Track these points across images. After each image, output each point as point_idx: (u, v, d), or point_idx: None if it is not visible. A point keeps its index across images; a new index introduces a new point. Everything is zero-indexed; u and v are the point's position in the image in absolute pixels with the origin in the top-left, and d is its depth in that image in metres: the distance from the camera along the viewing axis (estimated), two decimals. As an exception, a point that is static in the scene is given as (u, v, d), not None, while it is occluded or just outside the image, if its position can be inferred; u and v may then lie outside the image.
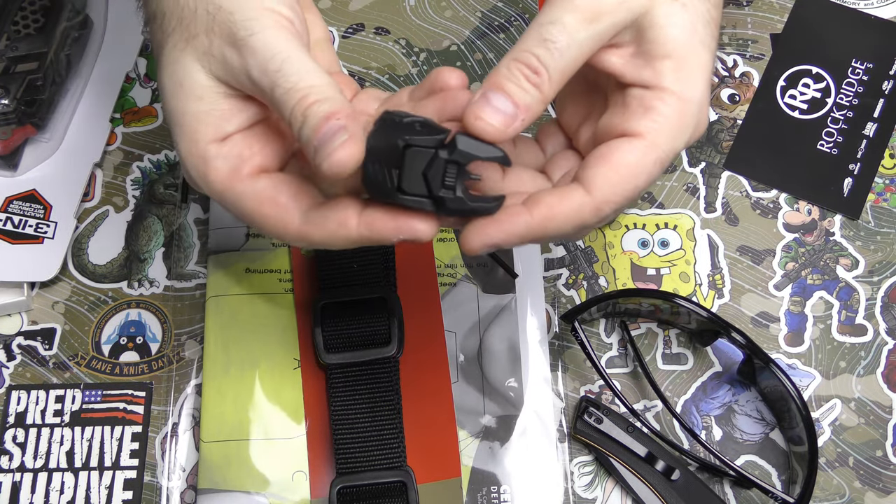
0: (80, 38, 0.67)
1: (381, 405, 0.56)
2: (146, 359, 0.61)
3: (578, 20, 0.41)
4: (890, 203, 0.65)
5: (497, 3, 0.71)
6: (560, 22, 0.41)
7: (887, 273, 0.63)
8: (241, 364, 0.59)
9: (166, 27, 0.44)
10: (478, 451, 0.58)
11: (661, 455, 0.57)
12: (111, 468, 0.59)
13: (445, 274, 0.62)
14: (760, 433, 0.59)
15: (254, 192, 0.42)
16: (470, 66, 0.69)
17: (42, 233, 0.63)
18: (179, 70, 0.43)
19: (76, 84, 0.67)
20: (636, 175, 0.41)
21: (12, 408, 0.60)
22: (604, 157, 0.41)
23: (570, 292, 0.63)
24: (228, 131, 0.43)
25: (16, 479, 0.58)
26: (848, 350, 0.61)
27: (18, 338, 0.62)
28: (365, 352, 0.57)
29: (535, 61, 0.41)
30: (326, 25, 0.49)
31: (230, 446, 0.57)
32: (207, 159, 0.43)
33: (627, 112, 0.42)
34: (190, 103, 0.43)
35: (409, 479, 0.55)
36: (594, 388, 0.60)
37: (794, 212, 0.65)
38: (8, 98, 0.61)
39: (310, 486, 0.57)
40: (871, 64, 0.68)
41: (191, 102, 0.43)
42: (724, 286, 0.63)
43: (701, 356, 0.61)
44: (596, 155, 0.42)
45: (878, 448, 0.59)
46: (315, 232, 0.42)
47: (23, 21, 0.64)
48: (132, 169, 0.66)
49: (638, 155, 0.41)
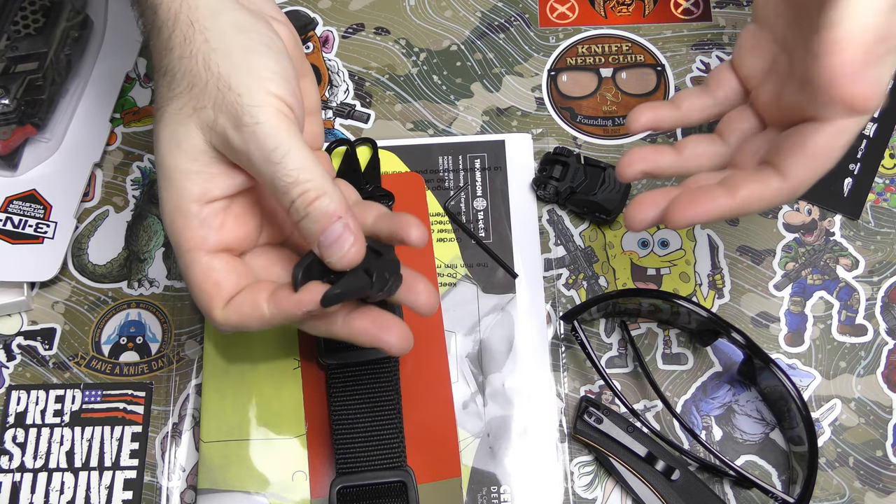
0: (80, 38, 0.67)
1: (381, 405, 0.56)
2: (146, 359, 0.61)
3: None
4: (890, 203, 0.65)
5: (497, 3, 0.71)
6: None
7: (887, 273, 0.63)
8: (241, 364, 0.59)
9: (174, 88, 0.46)
10: (478, 451, 0.58)
11: (661, 455, 0.57)
12: (111, 468, 0.59)
13: (445, 274, 0.62)
14: (760, 433, 0.59)
15: (205, 267, 0.46)
16: (470, 66, 0.69)
17: (42, 233, 0.63)
18: (181, 132, 0.46)
19: (76, 84, 0.67)
20: (829, 159, 0.45)
21: (12, 408, 0.60)
22: (798, 145, 0.45)
23: (570, 292, 0.63)
24: (214, 195, 0.46)
25: (16, 479, 0.58)
26: (848, 350, 0.61)
27: (18, 338, 0.62)
28: (365, 352, 0.57)
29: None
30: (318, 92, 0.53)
31: (230, 446, 0.57)
32: (188, 216, 0.46)
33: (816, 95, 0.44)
34: (183, 162, 0.46)
35: (409, 479, 0.55)
36: (594, 388, 0.60)
37: (794, 212, 0.65)
38: (8, 98, 0.61)
39: (310, 486, 0.57)
40: (871, 64, 0.68)
41: (184, 161, 0.46)
42: (724, 286, 0.63)
43: (701, 356, 0.61)
44: (790, 143, 0.45)
45: (878, 448, 0.59)
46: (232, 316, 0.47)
47: (23, 21, 0.64)
48: (132, 169, 0.66)
49: (829, 140, 0.44)
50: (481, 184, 0.65)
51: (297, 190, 0.44)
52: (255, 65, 0.46)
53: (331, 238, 0.45)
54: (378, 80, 0.69)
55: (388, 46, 0.70)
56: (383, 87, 0.69)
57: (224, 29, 0.46)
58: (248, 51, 0.46)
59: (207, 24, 0.46)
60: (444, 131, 0.67)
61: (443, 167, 0.65)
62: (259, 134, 0.44)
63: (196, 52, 0.46)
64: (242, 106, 0.44)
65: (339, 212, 0.45)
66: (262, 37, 0.47)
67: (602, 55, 0.69)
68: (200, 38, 0.46)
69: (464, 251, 0.63)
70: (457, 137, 0.66)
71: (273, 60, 0.46)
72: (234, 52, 0.46)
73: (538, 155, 0.66)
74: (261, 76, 0.45)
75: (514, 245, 0.63)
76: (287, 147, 0.44)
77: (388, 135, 0.67)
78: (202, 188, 0.46)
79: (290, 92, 0.46)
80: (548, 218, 0.64)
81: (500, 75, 0.69)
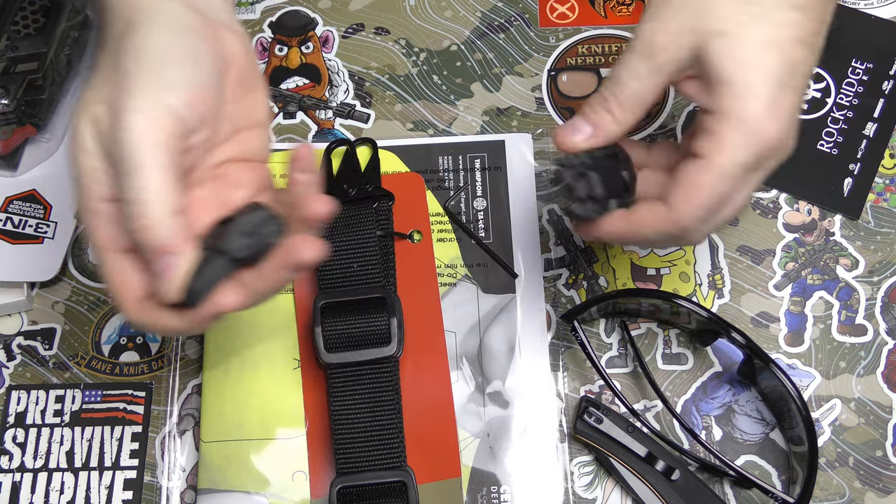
0: (80, 38, 0.67)
1: (381, 405, 0.56)
2: (146, 359, 0.61)
3: (637, 58, 0.49)
4: (890, 203, 0.65)
5: (497, 3, 0.71)
6: (623, 62, 0.49)
7: (887, 273, 0.63)
8: (241, 364, 0.59)
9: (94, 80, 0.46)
10: (478, 451, 0.58)
11: (661, 455, 0.57)
12: (111, 468, 0.59)
13: (445, 274, 0.62)
14: (760, 433, 0.59)
15: (114, 267, 0.46)
16: (470, 66, 0.69)
17: (42, 233, 0.63)
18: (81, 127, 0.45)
19: (76, 84, 0.67)
20: (703, 190, 0.48)
21: (12, 408, 0.60)
22: (677, 178, 0.48)
23: (570, 292, 0.63)
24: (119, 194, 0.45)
25: (16, 479, 0.58)
26: (848, 350, 0.61)
27: (18, 338, 0.62)
28: (365, 351, 0.57)
29: (605, 92, 0.50)
30: (268, 106, 0.52)
31: (230, 446, 0.57)
32: (95, 214, 0.45)
33: (695, 134, 0.49)
34: (87, 160, 0.45)
35: (409, 479, 0.54)
36: (594, 388, 0.60)
37: (794, 212, 0.65)
38: (8, 98, 0.61)
39: (310, 486, 0.56)
40: (871, 64, 0.68)
41: (88, 159, 0.45)
42: (724, 286, 0.63)
43: (701, 356, 0.61)
44: (674, 176, 0.49)
45: (878, 448, 0.59)
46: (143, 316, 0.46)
47: (23, 21, 0.64)
48: (132, 169, 0.66)
49: (701, 173, 0.48)
50: (481, 184, 0.65)
51: (134, 210, 0.43)
52: (161, 72, 0.45)
53: (158, 269, 0.44)
54: (378, 80, 0.69)
55: (388, 46, 0.70)
56: (383, 87, 0.69)
57: (154, 30, 0.46)
58: (162, 56, 0.45)
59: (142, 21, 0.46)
60: (444, 131, 0.67)
61: (443, 167, 0.65)
62: (123, 140, 0.43)
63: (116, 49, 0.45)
64: (125, 108, 0.44)
65: (168, 246, 0.44)
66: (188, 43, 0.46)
67: (602, 55, 0.69)
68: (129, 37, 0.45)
69: (464, 251, 0.63)
70: (457, 137, 0.66)
71: (187, 69, 0.45)
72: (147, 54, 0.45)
73: (538, 155, 0.65)
74: (160, 83, 0.44)
75: (514, 245, 0.63)
76: (140, 162, 0.43)
77: (388, 135, 0.67)
78: (106, 188, 0.45)
79: (190, 104, 0.45)
80: (548, 218, 0.64)
81: (500, 75, 0.69)
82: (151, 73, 0.44)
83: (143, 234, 0.44)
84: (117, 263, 0.46)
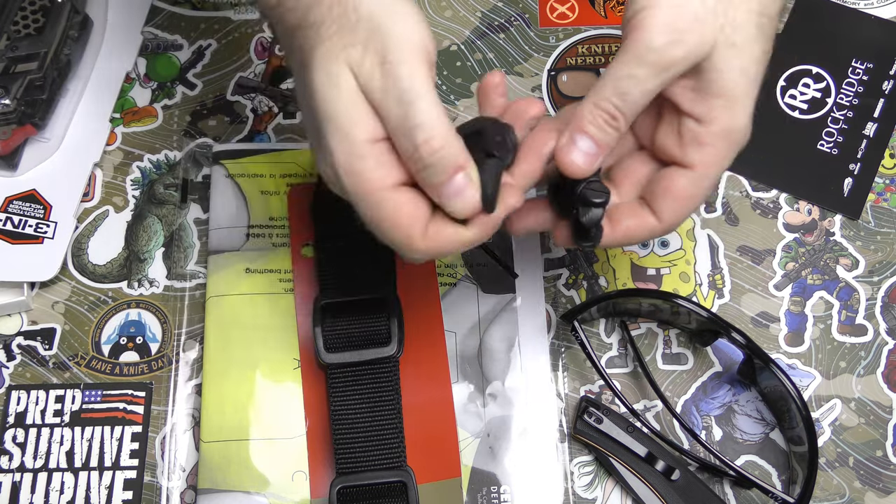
0: (80, 38, 0.67)
1: (381, 405, 0.56)
2: (146, 359, 0.61)
3: (649, 74, 0.47)
4: (890, 203, 0.65)
5: (497, 3, 0.71)
6: (634, 77, 0.47)
7: (887, 273, 0.63)
8: (241, 364, 0.59)
9: (323, 33, 0.46)
10: (478, 451, 0.58)
11: (661, 455, 0.57)
12: (111, 468, 0.59)
13: (445, 274, 0.62)
14: (760, 433, 0.59)
15: (395, 203, 0.46)
16: (470, 67, 0.69)
17: (42, 233, 0.63)
18: (334, 71, 0.46)
19: (76, 84, 0.67)
20: (693, 198, 0.50)
21: (12, 408, 0.60)
22: (667, 189, 0.49)
23: (570, 292, 0.63)
24: (381, 134, 0.46)
25: (16, 479, 0.58)
26: (848, 350, 0.61)
27: (18, 338, 0.62)
28: (365, 351, 0.57)
29: (613, 109, 0.48)
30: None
31: (230, 446, 0.57)
32: (364, 157, 0.45)
33: (682, 142, 0.49)
34: (344, 107, 0.46)
35: (409, 479, 0.54)
36: (594, 388, 0.60)
37: (795, 212, 0.65)
38: (8, 98, 0.61)
39: (310, 486, 0.56)
40: (871, 64, 0.68)
41: (346, 103, 0.46)
42: (724, 286, 0.63)
43: (701, 356, 0.61)
44: (661, 186, 0.50)
45: (878, 448, 0.59)
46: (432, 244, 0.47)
47: (23, 21, 0.64)
48: (132, 169, 0.66)
49: (694, 183, 0.49)
50: (481, 184, 0.64)
51: (421, 136, 0.44)
52: (401, 9, 0.46)
53: (452, 189, 0.45)
54: (378, 80, 0.69)
55: (388, 46, 0.70)
56: (383, 87, 0.68)
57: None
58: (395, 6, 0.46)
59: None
60: (444, 131, 0.67)
61: (443, 167, 0.65)
62: (400, 73, 0.44)
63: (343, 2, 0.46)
64: (390, 45, 0.45)
65: (461, 163, 0.45)
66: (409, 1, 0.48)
67: (602, 55, 0.69)
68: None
69: (464, 251, 0.63)
70: (457, 137, 0.66)
71: (416, 8, 0.47)
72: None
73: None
74: (407, 20, 0.46)
75: (514, 245, 0.63)
76: (421, 91, 0.45)
77: (388, 135, 0.67)
78: (373, 128, 0.46)
79: (431, 38, 0.46)
80: (548, 218, 0.64)
81: (500, 75, 0.69)
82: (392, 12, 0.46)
83: (435, 156, 0.45)
84: (395, 199, 0.46)
